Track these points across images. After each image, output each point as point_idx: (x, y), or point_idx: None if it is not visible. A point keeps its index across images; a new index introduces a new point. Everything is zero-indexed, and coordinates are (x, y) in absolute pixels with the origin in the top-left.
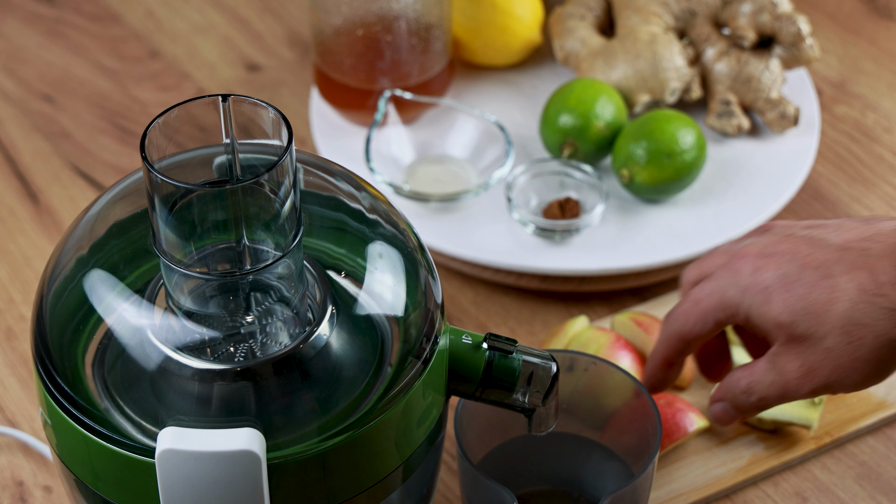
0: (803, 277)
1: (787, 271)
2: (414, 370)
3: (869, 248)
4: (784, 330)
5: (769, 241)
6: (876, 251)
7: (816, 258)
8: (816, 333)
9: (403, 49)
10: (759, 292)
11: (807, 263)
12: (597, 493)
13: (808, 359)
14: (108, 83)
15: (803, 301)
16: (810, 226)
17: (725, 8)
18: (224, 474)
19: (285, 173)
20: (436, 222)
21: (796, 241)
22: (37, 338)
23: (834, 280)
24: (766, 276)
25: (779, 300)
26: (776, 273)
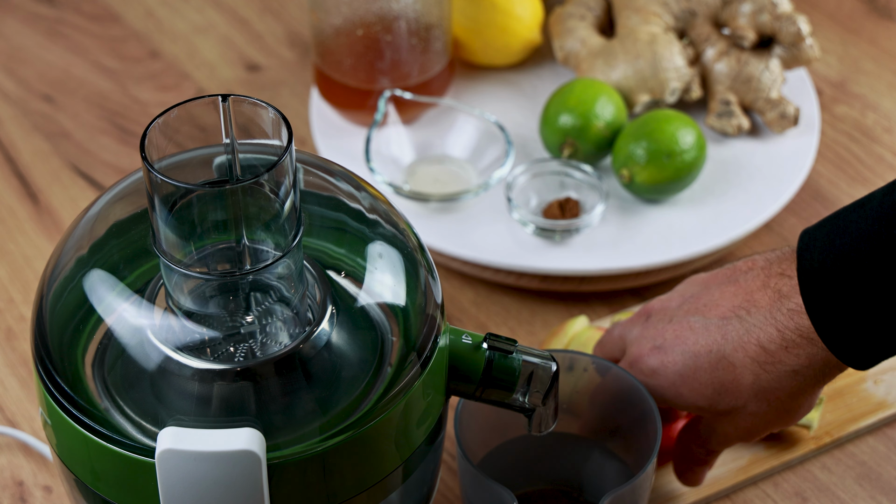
0: (700, 365)
1: (684, 364)
2: (414, 370)
3: (745, 317)
4: (706, 411)
5: (654, 332)
6: (753, 320)
7: (704, 343)
8: (736, 405)
9: (403, 49)
10: (668, 388)
11: (698, 351)
12: (597, 493)
13: (740, 424)
14: (108, 83)
15: (711, 386)
16: (683, 302)
17: (725, 8)
18: (224, 474)
19: (285, 173)
20: (436, 222)
21: (678, 327)
22: (37, 338)
23: (729, 360)
24: (668, 374)
25: (688, 391)
26: (675, 369)
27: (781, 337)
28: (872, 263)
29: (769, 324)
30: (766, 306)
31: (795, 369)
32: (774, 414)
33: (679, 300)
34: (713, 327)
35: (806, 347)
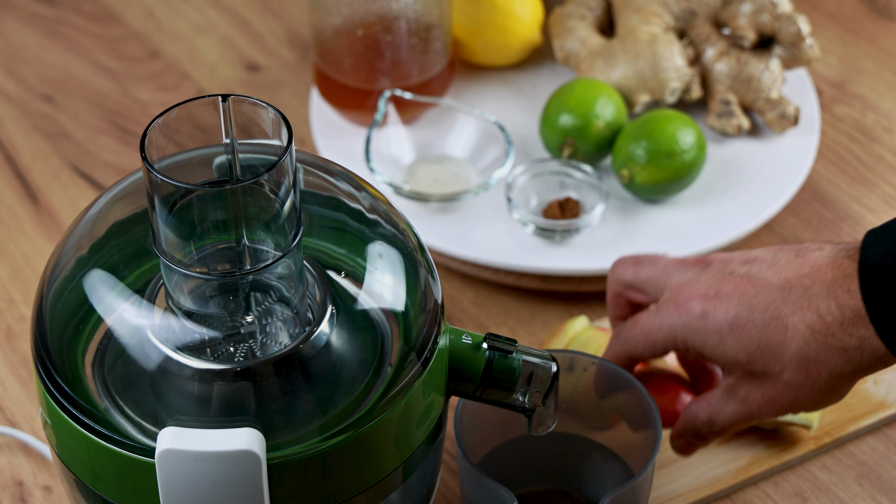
0: (753, 319)
1: (737, 314)
2: (414, 370)
3: (809, 286)
4: (741, 367)
5: (712, 280)
6: (816, 290)
7: (763, 299)
8: (773, 370)
9: (403, 49)
10: (711, 334)
11: (754, 305)
12: (597, 493)
13: (768, 390)
14: (108, 83)
15: (757, 342)
16: (747, 261)
17: (725, 8)
18: (224, 474)
19: (285, 173)
20: (436, 222)
21: (738, 280)
22: (37, 338)
23: (784, 321)
24: (717, 320)
25: (733, 342)
26: (726, 317)
27: (840, 312)
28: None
29: (830, 297)
30: (829, 281)
31: (845, 347)
32: (806, 390)
33: (742, 259)
34: (775, 287)
35: (861, 329)
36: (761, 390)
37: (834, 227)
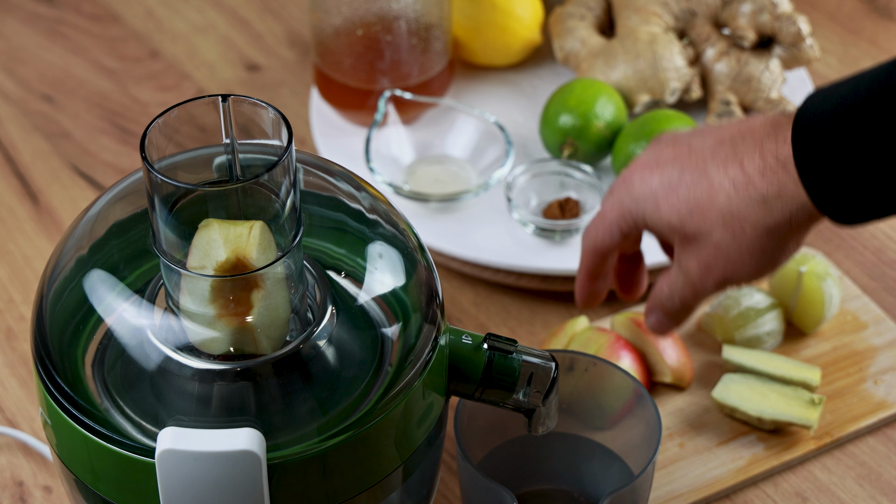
0: (684, 180)
1: (670, 176)
2: (414, 370)
3: (739, 142)
4: (676, 231)
5: (655, 150)
6: (746, 144)
7: (694, 160)
8: (703, 230)
9: (403, 49)
10: (649, 199)
11: (686, 166)
12: (597, 493)
13: (701, 256)
14: (108, 83)
15: (686, 202)
16: (694, 132)
17: (725, 8)
18: (224, 474)
19: (285, 173)
20: (436, 222)
21: (678, 146)
22: (37, 338)
23: (710, 178)
24: (654, 183)
25: (666, 204)
26: (661, 179)
27: (763, 161)
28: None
29: (756, 149)
30: (761, 135)
31: (765, 196)
32: (735, 251)
33: (689, 132)
34: (708, 149)
35: (779, 174)
36: (696, 256)
37: (834, 226)
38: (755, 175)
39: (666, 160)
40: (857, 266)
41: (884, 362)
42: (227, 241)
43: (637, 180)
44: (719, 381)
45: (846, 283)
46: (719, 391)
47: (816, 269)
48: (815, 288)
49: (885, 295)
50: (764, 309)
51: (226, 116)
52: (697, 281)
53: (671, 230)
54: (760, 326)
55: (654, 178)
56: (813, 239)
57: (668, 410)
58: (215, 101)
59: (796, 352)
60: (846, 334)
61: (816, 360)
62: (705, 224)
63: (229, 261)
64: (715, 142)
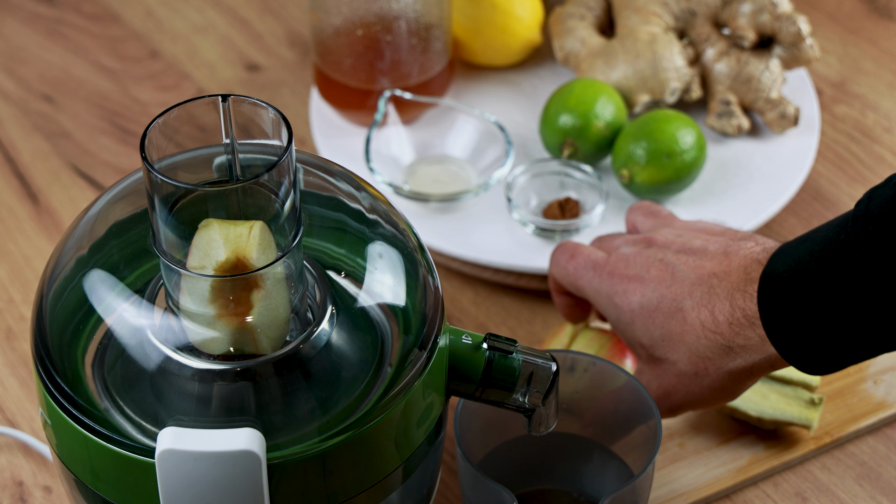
0: (661, 308)
1: (649, 300)
2: (414, 370)
3: (715, 286)
4: (644, 350)
5: (644, 262)
6: (720, 290)
7: (674, 291)
8: (671, 358)
9: (403, 49)
10: (625, 313)
11: (665, 295)
12: (597, 493)
13: (664, 381)
14: (108, 83)
15: (660, 329)
16: (681, 250)
17: (725, 8)
18: (224, 474)
19: (285, 173)
20: (436, 222)
21: (663, 269)
22: (37, 338)
23: (684, 314)
24: (632, 301)
25: (640, 324)
26: (641, 300)
27: (731, 313)
28: (824, 269)
29: (727, 298)
30: (734, 283)
31: (731, 346)
32: (697, 385)
33: (679, 246)
34: (687, 282)
35: (748, 330)
36: (658, 380)
37: None
38: (724, 324)
39: (649, 280)
40: None
41: (884, 362)
42: (227, 241)
43: (619, 288)
44: None
45: None
46: None
47: None
48: None
49: None
50: None
51: (226, 116)
52: (657, 398)
53: (639, 346)
54: None
55: (636, 297)
56: None
57: None
58: (215, 101)
59: None
60: None
61: None
62: (673, 353)
63: (229, 261)
64: (695, 278)
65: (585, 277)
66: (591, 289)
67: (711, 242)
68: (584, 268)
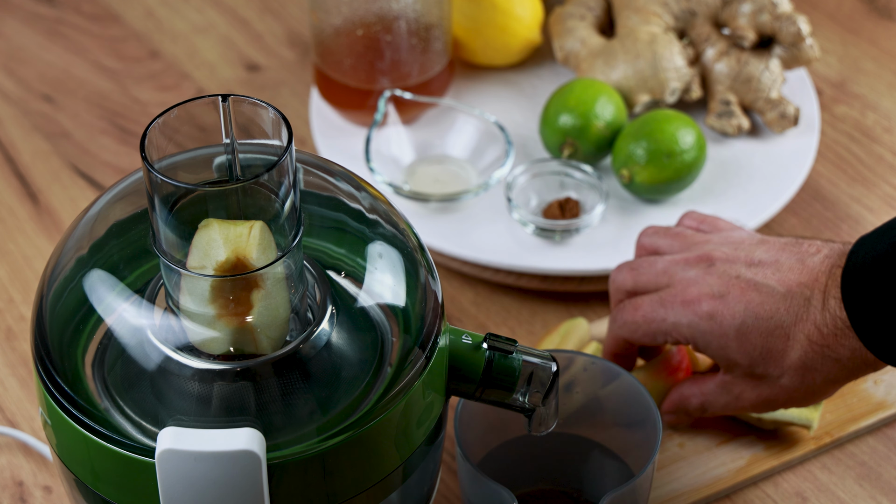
0: (759, 327)
1: (744, 321)
2: (414, 370)
3: (809, 296)
4: (741, 369)
5: (718, 281)
6: (814, 300)
7: (768, 308)
8: (773, 374)
9: (403, 49)
10: (718, 337)
11: (759, 314)
12: (597, 493)
13: (764, 392)
14: (108, 83)
15: (760, 349)
16: (751, 264)
17: (725, 8)
18: (224, 474)
19: (285, 173)
20: (436, 222)
21: (745, 286)
22: (37, 338)
23: (786, 330)
24: (725, 325)
25: (737, 347)
26: (733, 322)
27: (834, 325)
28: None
29: (826, 309)
30: (825, 290)
31: (839, 358)
32: (801, 393)
33: (747, 260)
34: (779, 297)
35: (852, 340)
36: (757, 391)
37: (834, 227)
38: (830, 338)
39: (735, 300)
40: None
41: None
42: (227, 241)
43: (704, 311)
44: None
45: None
46: None
47: None
48: None
49: None
50: None
51: (226, 116)
52: (749, 407)
53: (735, 367)
54: None
55: (725, 319)
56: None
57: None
58: (215, 101)
59: None
60: None
61: None
62: (776, 370)
63: (229, 261)
64: (785, 291)
65: (658, 317)
66: (670, 324)
67: (775, 251)
68: (654, 310)
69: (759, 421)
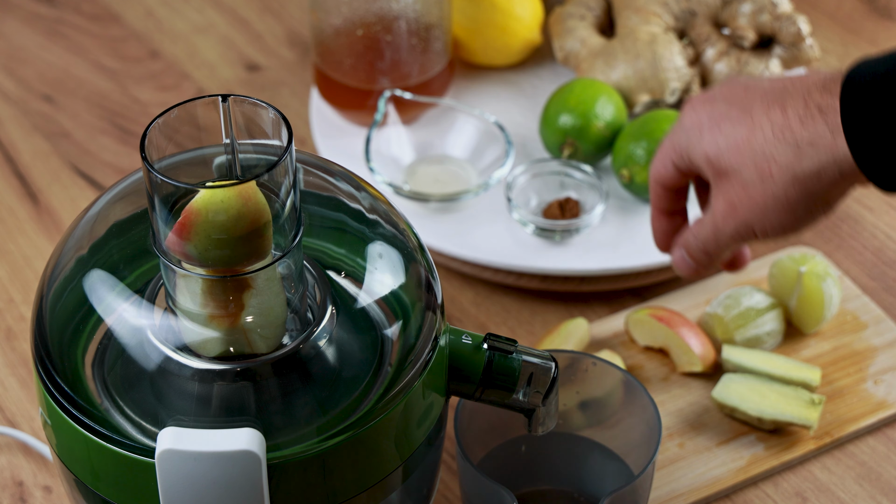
0: (730, 115)
1: (718, 110)
2: (414, 370)
3: (789, 88)
4: (712, 164)
5: (715, 89)
6: (793, 90)
7: (744, 98)
8: (735, 167)
9: (403, 49)
10: (695, 129)
11: (734, 103)
12: (597, 493)
13: (728, 194)
14: (108, 83)
15: (727, 136)
16: (758, 78)
17: (725, 8)
18: (224, 474)
19: (285, 173)
20: (436, 222)
21: (734, 87)
22: (37, 338)
23: (752, 117)
24: (703, 115)
25: (708, 136)
26: (710, 113)
27: (805, 107)
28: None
29: (801, 97)
30: (810, 85)
31: (798, 143)
32: (761, 195)
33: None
34: (759, 90)
35: (817, 122)
36: (723, 194)
37: (834, 227)
38: (794, 121)
39: (719, 97)
40: (857, 266)
41: (884, 362)
42: None
43: (689, 112)
44: (719, 381)
45: (846, 283)
46: (719, 391)
47: (816, 269)
48: (815, 288)
49: (885, 295)
50: (764, 309)
51: (226, 116)
52: (720, 221)
53: (707, 163)
54: (760, 326)
55: (704, 111)
56: (813, 239)
57: (668, 410)
58: (215, 101)
59: (796, 352)
60: (846, 334)
61: (816, 360)
62: (738, 161)
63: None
64: (768, 85)
65: (665, 141)
66: (669, 138)
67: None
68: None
69: (759, 421)
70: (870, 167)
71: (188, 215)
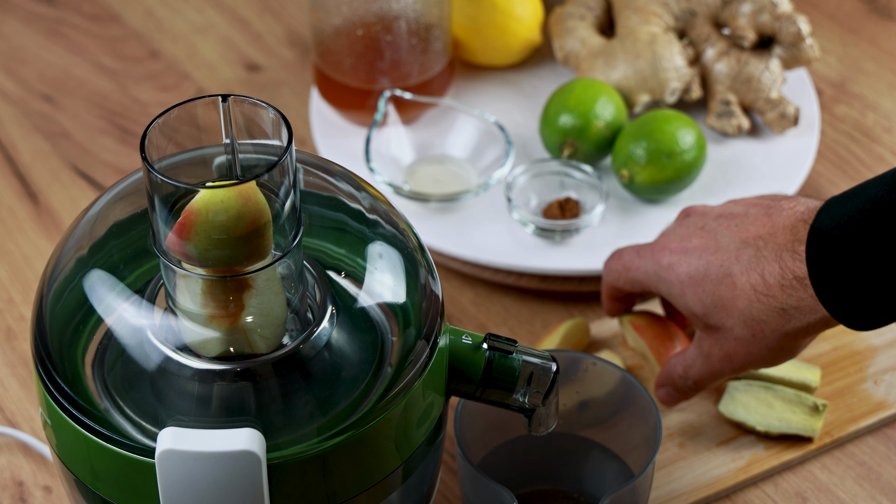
0: (709, 275)
1: (696, 268)
2: (414, 370)
3: (762, 248)
4: (700, 319)
5: (685, 232)
6: (767, 252)
7: (720, 257)
8: (726, 324)
9: (403, 49)
10: (674, 285)
11: (712, 262)
12: (597, 493)
13: (724, 346)
14: (108, 83)
15: (711, 296)
16: (720, 216)
17: (725, 8)
18: (224, 474)
19: (285, 173)
20: (436, 222)
21: (705, 236)
22: (37, 338)
23: (734, 279)
24: (679, 272)
25: (691, 294)
26: (687, 270)
27: (782, 275)
28: (875, 226)
29: (776, 260)
30: (781, 244)
31: (784, 308)
32: (756, 347)
33: (719, 212)
34: (732, 247)
35: (799, 291)
36: (719, 345)
37: None
38: (775, 287)
39: (693, 249)
40: None
41: (884, 362)
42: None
43: (664, 262)
44: (724, 392)
45: None
46: (725, 405)
47: None
48: None
49: None
50: None
51: (226, 116)
52: (717, 366)
53: (693, 316)
54: None
55: (682, 267)
56: None
57: (668, 410)
58: (215, 101)
59: None
60: (846, 334)
61: (816, 360)
62: (728, 319)
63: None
64: (739, 242)
65: (634, 265)
66: (641, 272)
67: (751, 206)
68: (631, 259)
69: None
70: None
71: (188, 215)
